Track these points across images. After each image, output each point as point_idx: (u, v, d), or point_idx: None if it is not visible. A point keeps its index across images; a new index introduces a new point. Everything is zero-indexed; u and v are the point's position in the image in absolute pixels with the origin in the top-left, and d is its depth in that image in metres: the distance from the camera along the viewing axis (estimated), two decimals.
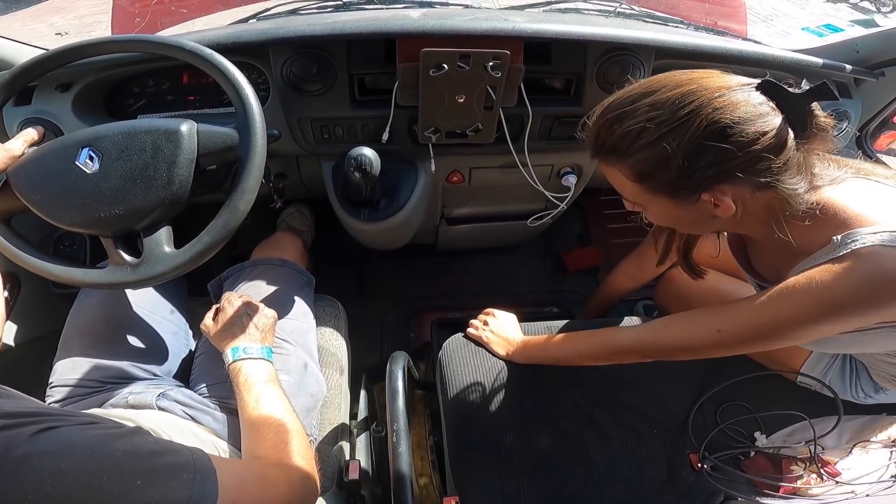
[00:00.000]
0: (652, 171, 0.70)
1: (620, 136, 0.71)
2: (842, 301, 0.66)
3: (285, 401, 0.86)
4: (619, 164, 0.73)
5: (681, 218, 0.78)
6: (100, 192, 0.83)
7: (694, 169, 0.67)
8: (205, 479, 0.56)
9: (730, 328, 0.77)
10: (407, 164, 1.20)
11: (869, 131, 1.36)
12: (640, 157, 0.70)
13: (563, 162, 1.27)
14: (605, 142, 0.73)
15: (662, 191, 0.72)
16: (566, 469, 1.03)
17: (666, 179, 0.70)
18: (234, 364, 0.89)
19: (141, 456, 0.52)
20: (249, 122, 0.85)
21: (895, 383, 0.98)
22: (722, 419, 1.09)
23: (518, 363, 1.11)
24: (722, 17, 1.62)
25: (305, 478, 0.74)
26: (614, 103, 0.73)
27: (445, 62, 0.95)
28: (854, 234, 0.66)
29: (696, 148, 0.66)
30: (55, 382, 0.97)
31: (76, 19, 3.56)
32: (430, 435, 1.32)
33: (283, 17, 1.32)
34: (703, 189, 0.69)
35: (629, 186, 0.75)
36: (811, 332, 0.71)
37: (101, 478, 0.48)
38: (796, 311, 0.69)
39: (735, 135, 0.64)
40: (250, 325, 0.95)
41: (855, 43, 1.21)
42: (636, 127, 0.69)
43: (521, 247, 2.07)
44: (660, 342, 0.88)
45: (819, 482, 0.99)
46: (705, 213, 0.73)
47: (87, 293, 1.08)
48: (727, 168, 0.67)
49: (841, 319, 0.67)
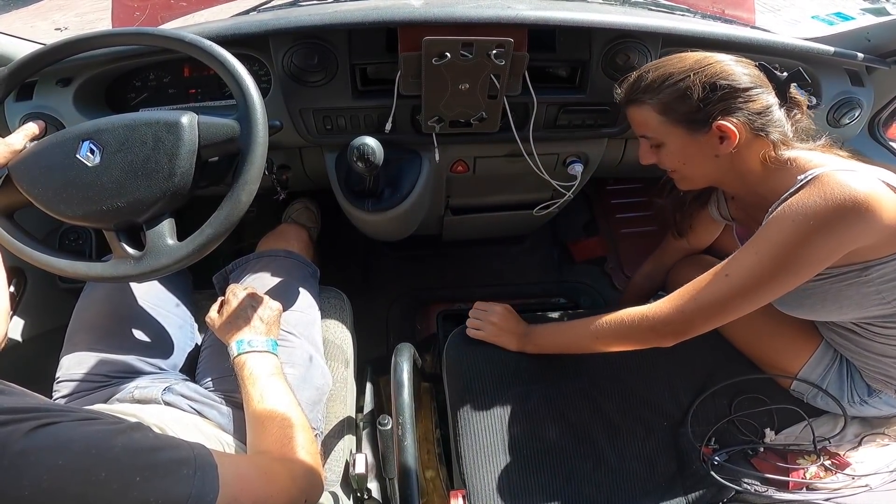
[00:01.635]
0: (675, 104, 0.90)
1: (653, 79, 0.91)
2: (812, 218, 0.78)
3: (290, 394, 0.86)
4: (650, 100, 0.92)
5: (690, 153, 0.94)
6: (101, 185, 0.83)
7: (708, 101, 0.87)
8: (206, 474, 0.55)
9: (735, 270, 0.86)
10: (410, 153, 1.19)
11: (881, 119, 1.35)
12: (667, 92, 0.90)
13: (569, 150, 1.26)
14: (640, 84, 0.93)
15: (681, 122, 0.91)
16: (574, 461, 1.03)
17: (685, 111, 0.89)
18: (239, 357, 0.89)
19: (140, 452, 0.52)
20: (250, 112, 0.84)
21: (888, 385, 0.98)
22: (736, 412, 1.08)
23: (525, 354, 1.10)
24: (729, 6, 1.60)
25: (309, 472, 0.74)
26: (650, 64, 0.95)
27: (448, 51, 0.93)
28: (812, 170, 0.83)
29: (711, 86, 0.87)
30: (62, 377, 0.97)
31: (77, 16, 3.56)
32: (436, 428, 1.32)
33: (284, 9, 1.30)
34: (713, 119, 0.88)
35: (654, 120, 0.93)
36: (801, 258, 0.81)
37: (98, 474, 0.47)
38: (781, 237, 0.81)
39: (738, 81, 0.88)
40: (255, 318, 0.94)
41: (866, 31, 1.19)
42: (666, 72, 0.91)
43: (527, 237, 2.06)
44: (676, 303, 0.90)
45: (827, 475, 0.98)
46: (711, 148, 0.91)
47: (93, 287, 1.08)
48: (732, 105, 0.87)
49: (817, 238, 0.79)
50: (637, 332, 0.93)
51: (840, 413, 1.04)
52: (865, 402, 1.02)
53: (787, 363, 1.07)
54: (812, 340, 1.06)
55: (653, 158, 1.00)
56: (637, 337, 0.95)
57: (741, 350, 1.13)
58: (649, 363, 1.11)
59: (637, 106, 0.95)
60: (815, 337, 1.06)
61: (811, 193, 0.79)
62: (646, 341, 0.94)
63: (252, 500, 0.61)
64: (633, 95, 0.95)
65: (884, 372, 0.98)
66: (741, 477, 0.99)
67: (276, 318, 0.98)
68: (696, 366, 1.13)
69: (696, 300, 0.87)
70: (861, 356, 1.00)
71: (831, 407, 1.05)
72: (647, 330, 0.92)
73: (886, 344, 0.94)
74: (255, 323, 0.94)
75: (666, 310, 0.90)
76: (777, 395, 1.10)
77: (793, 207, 0.81)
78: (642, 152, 1.01)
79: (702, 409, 1.08)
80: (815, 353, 1.05)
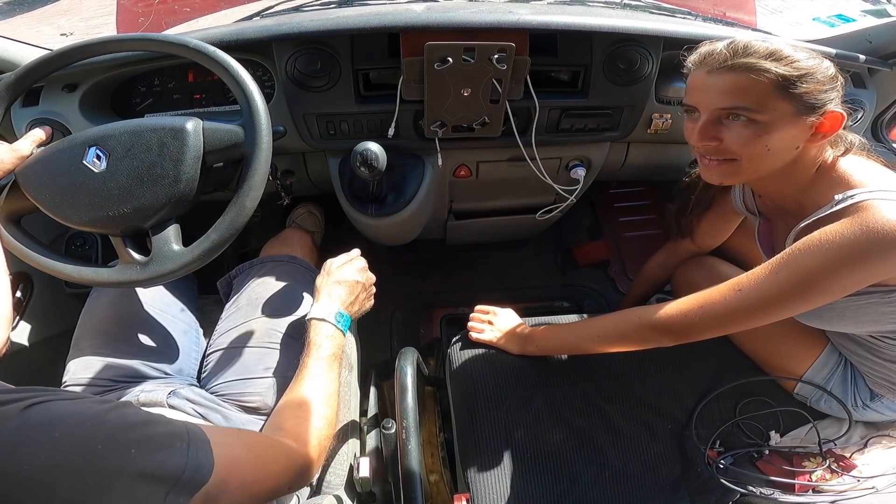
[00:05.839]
0: (801, 80, 0.79)
1: (774, 50, 0.80)
2: (847, 250, 0.74)
3: (337, 384, 0.89)
4: (773, 67, 0.79)
5: (781, 138, 0.83)
6: (107, 190, 0.84)
7: (829, 87, 0.80)
8: (199, 448, 0.55)
9: (751, 287, 0.82)
10: (413, 158, 1.19)
11: (884, 121, 1.34)
12: (800, 65, 0.79)
13: (572, 154, 1.26)
14: (761, 50, 0.80)
15: (797, 100, 0.80)
16: (578, 465, 1.02)
17: (808, 90, 0.79)
18: (325, 325, 0.93)
19: (133, 426, 0.52)
20: (255, 118, 0.85)
21: (891, 390, 0.98)
22: (741, 415, 1.07)
23: (528, 358, 1.10)
24: (731, 8, 1.60)
25: (307, 466, 0.74)
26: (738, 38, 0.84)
27: (450, 55, 0.94)
28: (852, 193, 0.79)
29: (833, 74, 0.81)
30: (68, 382, 0.97)
31: (82, 21, 3.57)
32: (440, 432, 1.31)
33: (287, 14, 1.31)
34: (827, 106, 0.80)
35: (764, 91, 0.80)
36: (823, 287, 0.77)
37: (95, 446, 0.47)
38: (810, 265, 0.76)
39: (842, 79, 0.83)
40: (357, 294, 1.01)
41: (868, 33, 1.19)
42: (784, 49, 0.81)
43: (531, 241, 2.06)
44: (681, 308, 0.88)
45: (833, 477, 0.98)
46: (802, 136, 0.83)
47: (99, 293, 1.09)
48: (838, 98, 0.81)
49: (848, 269, 0.75)
50: (638, 332, 0.93)
51: (844, 416, 1.04)
52: (868, 407, 1.02)
53: (793, 366, 1.07)
54: (817, 344, 1.06)
55: (712, 140, 0.86)
56: (638, 336, 0.94)
57: (746, 353, 1.13)
58: (653, 367, 1.11)
59: (743, 73, 0.81)
60: (820, 340, 1.06)
61: (851, 224, 0.75)
62: (646, 341, 0.94)
63: (238, 482, 0.60)
64: (746, 60, 0.81)
65: (888, 377, 0.98)
66: (746, 480, 0.99)
67: (365, 300, 1.05)
68: (700, 369, 1.12)
69: (703, 309, 0.86)
70: (868, 361, 0.99)
71: (835, 410, 1.05)
72: (648, 329, 0.91)
73: (894, 352, 0.94)
74: (351, 298, 0.99)
75: (670, 312, 0.89)
76: (781, 397, 1.09)
77: (828, 236, 0.76)
78: (701, 129, 0.86)
79: (706, 411, 1.08)
80: (821, 356, 1.05)
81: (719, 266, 1.22)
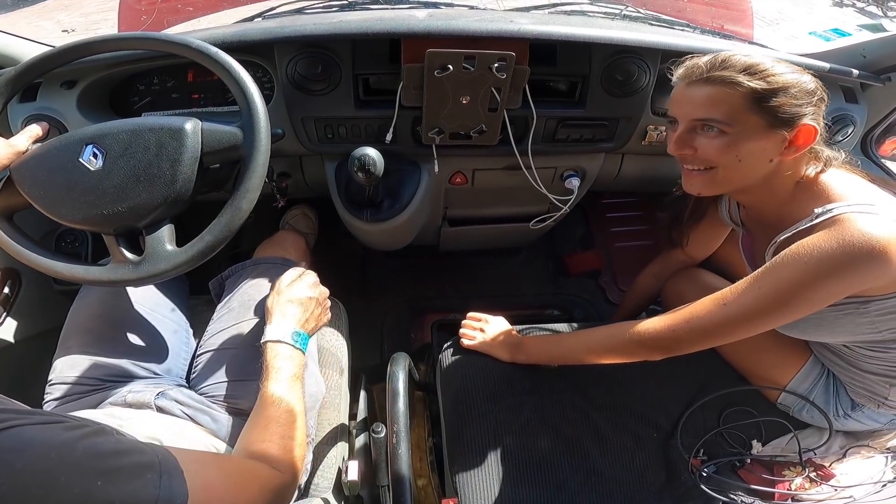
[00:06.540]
0: (775, 93, 0.81)
1: (752, 64, 0.83)
2: (825, 262, 0.76)
3: (302, 403, 0.85)
4: (746, 82, 0.82)
5: (753, 150, 0.85)
6: (103, 189, 0.83)
7: (804, 101, 0.82)
8: (172, 478, 0.54)
9: (734, 301, 0.84)
10: (410, 164, 1.20)
11: (874, 137, 1.36)
12: (774, 80, 0.82)
13: (567, 164, 1.27)
14: (738, 64, 0.83)
15: (769, 113, 0.82)
16: (565, 472, 1.03)
17: (780, 103, 0.82)
18: (282, 346, 0.89)
19: (102, 455, 0.51)
20: (254, 120, 0.85)
21: (872, 400, 1.00)
22: (724, 424, 1.09)
23: (518, 366, 1.11)
24: (728, 21, 1.62)
25: (284, 487, 0.73)
26: (726, 52, 0.87)
27: (451, 63, 0.95)
28: (831, 206, 0.81)
29: (814, 88, 0.84)
30: (54, 380, 0.96)
31: (82, 16, 3.56)
32: (429, 436, 1.32)
33: (289, 16, 1.32)
34: (801, 120, 0.82)
35: (736, 104, 0.83)
36: (803, 299, 0.80)
37: (58, 478, 0.46)
38: (789, 277, 0.79)
39: (824, 92, 0.85)
40: (311, 312, 0.96)
41: (862, 47, 1.20)
42: (763, 63, 0.83)
43: (523, 249, 2.07)
44: (668, 322, 0.90)
45: (812, 486, 0.99)
46: (776, 149, 0.85)
47: (88, 290, 1.08)
48: (817, 112, 0.83)
49: (825, 282, 0.77)
50: (628, 346, 0.94)
51: (825, 427, 1.06)
52: (849, 416, 1.04)
53: (777, 377, 1.09)
54: (801, 355, 1.08)
55: (687, 148, 0.89)
56: (627, 350, 0.95)
57: (732, 363, 1.15)
58: (640, 376, 1.12)
59: (717, 86, 0.84)
60: (804, 352, 1.08)
61: (828, 237, 0.77)
62: (635, 355, 0.95)
63: None
64: (721, 73, 0.84)
65: (868, 388, 1.00)
66: (728, 488, 1.01)
67: (321, 315, 1.00)
68: (686, 379, 1.14)
69: (690, 323, 0.88)
70: (848, 372, 1.02)
71: (816, 420, 1.07)
72: (637, 344, 0.93)
73: (872, 363, 0.96)
74: (307, 316, 0.95)
75: (658, 327, 0.91)
76: (764, 407, 1.11)
77: (806, 248, 0.78)
78: (677, 139, 0.90)
79: (691, 421, 1.09)
80: (804, 367, 1.07)
81: (707, 278, 1.24)
